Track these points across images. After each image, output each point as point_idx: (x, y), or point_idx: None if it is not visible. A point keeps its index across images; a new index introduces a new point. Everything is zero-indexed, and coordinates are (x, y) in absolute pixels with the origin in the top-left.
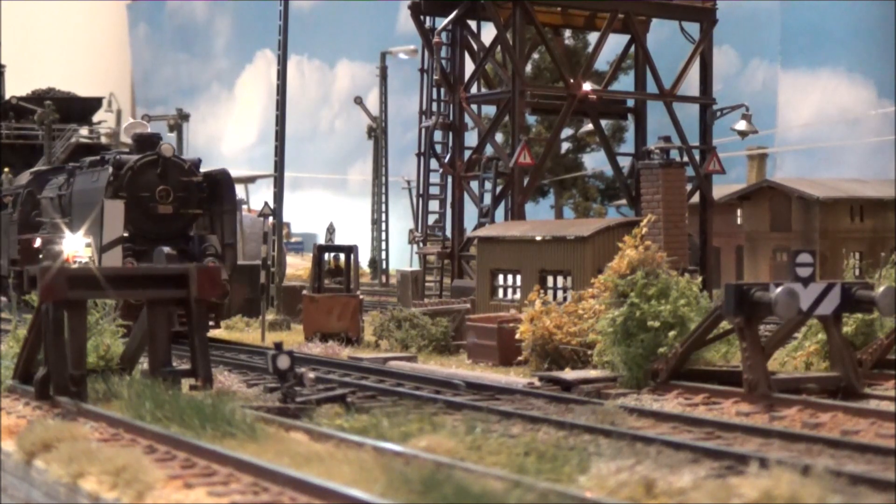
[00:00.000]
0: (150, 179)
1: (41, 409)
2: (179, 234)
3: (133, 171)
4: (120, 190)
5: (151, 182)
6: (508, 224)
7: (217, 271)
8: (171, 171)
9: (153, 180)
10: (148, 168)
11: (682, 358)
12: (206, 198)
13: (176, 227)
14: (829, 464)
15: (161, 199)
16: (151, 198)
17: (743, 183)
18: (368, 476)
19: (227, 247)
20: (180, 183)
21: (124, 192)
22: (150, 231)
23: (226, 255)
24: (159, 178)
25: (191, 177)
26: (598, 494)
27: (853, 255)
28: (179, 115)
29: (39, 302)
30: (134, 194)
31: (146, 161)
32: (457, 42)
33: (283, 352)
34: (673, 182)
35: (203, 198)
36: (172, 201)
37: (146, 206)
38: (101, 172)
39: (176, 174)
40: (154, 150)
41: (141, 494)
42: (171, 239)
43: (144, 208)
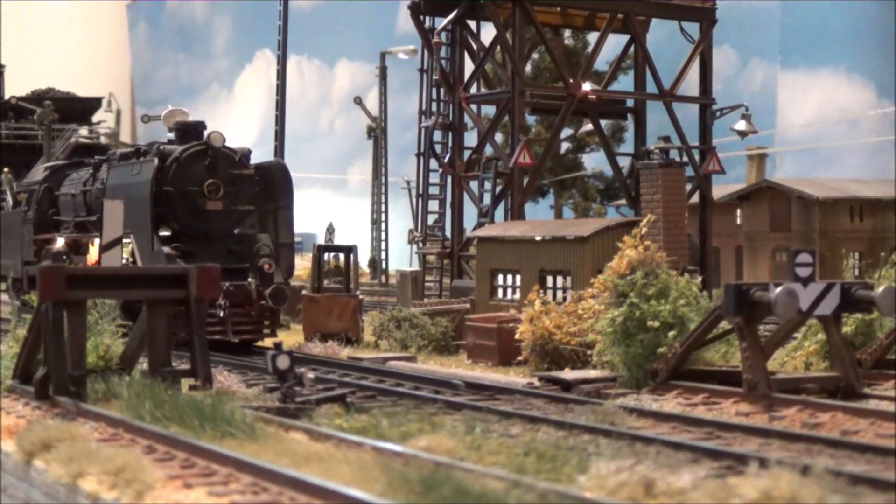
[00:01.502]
0: (198, 172)
1: (41, 409)
2: (229, 233)
3: (179, 162)
4: (164, 184)
5: (199, 175)
6: (508, 224)
7: (217, 271)
8: (221, 162)
9: (201, 173)
10: (195, 160)
11: (681, 358)
12: (257, 193)
13: (225, 225)
14: (829, 464)
15: (210, 193)
16: (199, 192)
17: (742, 183)
18: (368, 476)
19: (282, 247)
20: (230, 176)
21: (169, 187)
22: (198, 229)
23: (280, 256)
24: (208, 171)
25: (241, 169)
26: (598, 494)
27: (853, 255)
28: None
29: (39, 302)
30: (180, 188)
31: (194, 152)
32: (456, 42)
33: (282, 352)
34: (672, 182)
35: (255, 193)
36: (222, 196)
37: (193, 201)
38: (143, 165)
39: (225, 166)
40: (201, 140)
41: (140, 494)
42: (220, 238)
43: (191, 204)
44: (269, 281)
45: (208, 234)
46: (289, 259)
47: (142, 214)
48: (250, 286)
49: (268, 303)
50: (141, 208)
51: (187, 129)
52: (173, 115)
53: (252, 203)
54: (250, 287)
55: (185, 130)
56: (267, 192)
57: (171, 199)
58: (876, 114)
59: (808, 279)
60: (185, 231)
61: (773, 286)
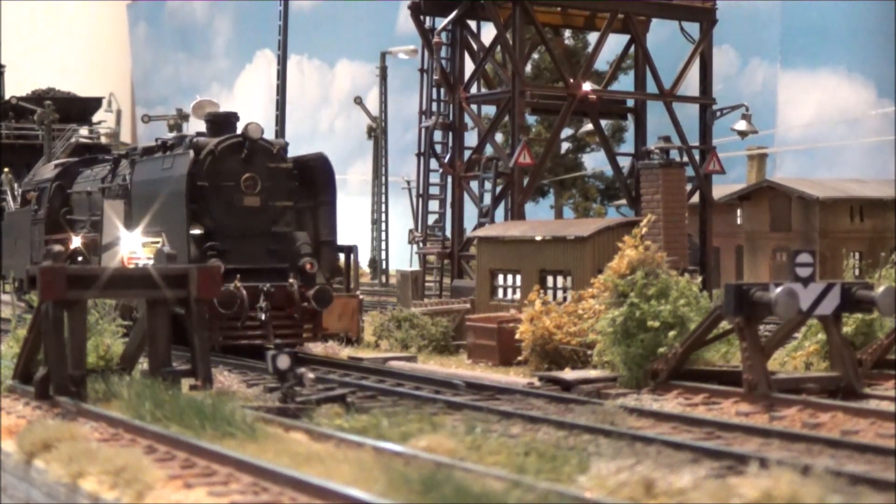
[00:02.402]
0: (234, 166)
1: (41, 409)
2: (267, 231)
3: (214, 155)
4: (198, 178)
5: (235, 169)
6: (508, 224)
7: (217, 271)
8: (258, 156)
9: (237, 167)
10: (231, 153)
11: (681, 358)
12: (296, 188)
13: (263, 222)
14: (829, 464)
15: (247, 188)
16: (235, 187)
17: (743, 183)
18: (368, 476)
19: (323, 245)
20: (268, 170)
21: (203, 181)
22: (233, 226)
23: (322, 254)
24: (244, 165)
25: (279, 163)
26: (598, 494)
27: (853, 255)
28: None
29: (39, 301)
30: (215, 183)
31: (229, 144)
32: (457, 42)
33: (282, 352)
34: (673, 182)
35: (293, 188)
36: (260, 192)
37: (229, 197)
38: (176, 158)
39: (263, 159)
40: (235, 132)
41: (141, 494)
42: (257, 236)
43: (227, 200)
44: (311, 282)
45: (245, 233)
46: (331, 258)
47: (175, 211)
48: (292, 287)
49: (311, 305)
50: (174, 205)
51: (220, 120)
52: (202, 106)
53: (290, 199)
54: (292, 288)
55: (218, 122)
56: (306, 187)
57: (204, 195)
58: (876, 114)
59: (808, 279)
60: (219, 229)
61: (774, 286)
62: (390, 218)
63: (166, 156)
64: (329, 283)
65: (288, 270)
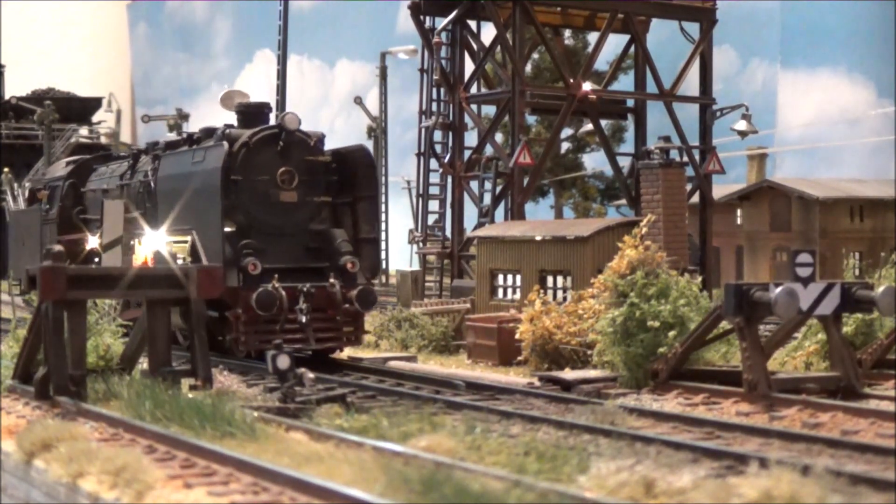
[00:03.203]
0: (270, 159)
1: (41, 409)
2: (304, 228)
3: (248, 148)
4: (232, 172)
5: (271, 162)
6: (508, 224)
7: (218, 271)
8: (295, 148)
9: (273, 160)
10: (266, 145)
11: (681, 358)
12: (334, 182)
13: (299, 219)
14: (829, 464)
15: (283, 183)
16: (271, 182)
17: (743, 183)
18: (368, 476)
19: (363, 243)
20: (305, 163)
21: (237, 175)
22: (269, 223)
23: (363, 253)
24: (280, 158)
25: (317, 155)
26: (598, 494)
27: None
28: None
29: (39, 301)
30: (250, 177)
31: (264, 136)
32: (456, 42)
33: (283, 352)
34: (673, 182)
35: (331, 182)
36: (296, 186)
37: (264, 191)
38: (209, 151)
39: (300, 152)
40: (267, 124)
41: (141, 494)
42: (293, 233)
43: (262, 195)
44: (351, 282)
45: (281, 230)
46: (372, 257)
47: (208, 207)
48: (333, 288)
49: (354, 306)
50: (207, 200)
51: (252, 111)
52: (231, 96)
53: (328, 194)
54: (333, 289)
55: (250, 113)
56: (345, 182)
57: (238, 190)
58: (876, 114)
59: (808, 279)
60: (253, 226)
61: (774, 286)
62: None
63: (196, 149)
64: (370, 284)
65: (327, 270)
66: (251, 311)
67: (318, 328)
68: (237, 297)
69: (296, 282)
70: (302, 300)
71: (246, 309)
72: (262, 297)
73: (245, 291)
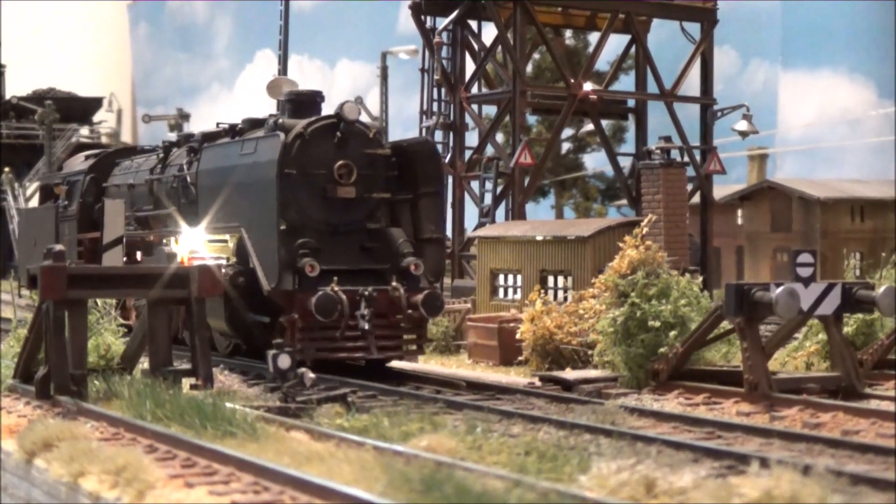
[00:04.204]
0: (326, 152)
1: (42, 409)
2: (361, 226)
3: (303, 139)
4: (286, 165)
5: (327, 155)
6: (509, 224)
7: (218, 270)
8: (353, 140)
9: (329, 153)
10: (322, 136)
11: (682, 358)
12: (393, 177)
13: (357, 216)
14: (830, 463)
15: (341, 178)
16: (328, 176)
17: (743, 183)
18: (369, 475)
19: (425, 243)
20: (364, 157)
21: (291, 169)
22: (325, 221)
23: (427, 254)
24: (337, 150)
25: (376, 148)
26: (599, 494)
27: (854, 255)
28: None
29: (40, 301)
30: (305, 171)
31: (321, 126)
32: (457, 42)
33: (283, 351)
34: (673, 182)
35: (390, 177)
36: (355, 181)
37: (320, 187)
38: (261, 142)
39: (358, 144)
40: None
41: (141, 493)
42: (351, 232)
43: (318, 190)
44: (414, 285)
45: (337, 228)
46: (436, 258)
47: (261, 203)
48: (397, 291)
49: (419, 312)
50: (260, 195)
51: (304, 99)
52: (279, 84)
53: (388, 190)
54: (397, 293)
55: (301, 102)
56: (405, 177)
57: (292, 185)
58: (877, 114)
59: (809, 279)
60: (307, 223)
61: (774, 286)
62: None
63: (245, 139)
64: (434, 288)
65: (388, 272)
66: (309, 316)
67: (380, 335)
68: (292, 302)
69: (355, 285)
70: (364, 305)
71: (303, 314)
72: (323, 302)
73: (302, 295)
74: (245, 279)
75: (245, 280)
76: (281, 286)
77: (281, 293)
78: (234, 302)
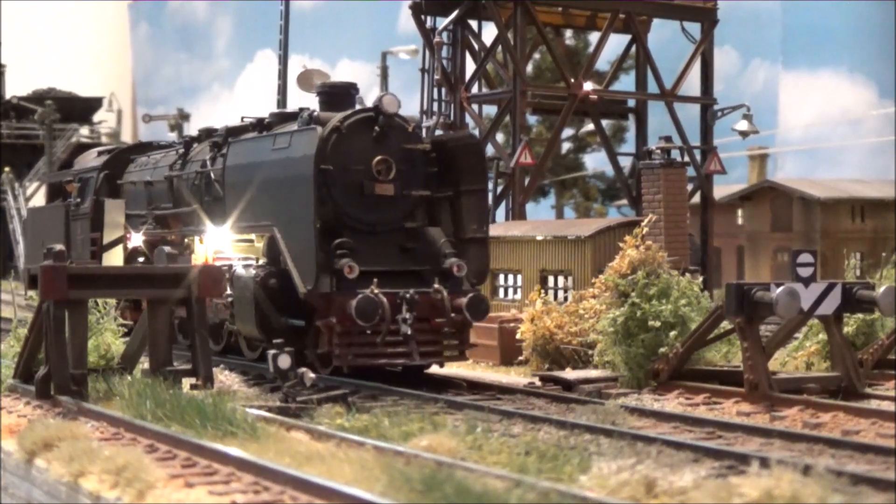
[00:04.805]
0: (364, 146)
1: (42, 409)
2: (399, 225)
3: (340, 133)
4: (322, 161)
5: (365, 150)
6: (509, 224)
7: (218, 270)
8: (392, 134)
9: (367, 147)
10: (360, 130)
11: (682, 358)
12: (433, 174)
13: (395, 215)
14: (830, 463)
15: (379, 174)
16: (365, 172)
17: (744, 183)
18: (369, 475)
19: (468, 243)
20: (403, 152)
21: (327, 164)
22: (363, 219)
23: (469, 255)
24: (375, 145)
25: (416, 143)
26: (599, 494)
27: (854, 255)
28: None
29: (40, 301)
30: (341, 167)
31: (358, 120)
32: (458, 42)
33: (283, 351)
34: (674, 182)
35: (430, 173)
36: (394, 178)
37: (358, 183)
38: (295, 135)
39: (398, 139)
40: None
41: (142, 493)
42: (389, 231)
43: (355, 187)
44: (456, 287)
45: (374, 227)
46: (479, 259)
47: (297, 201)
48: (440, 294)
49: (462, 316)
50: (295, 192)
51: (338, 91)
52: (310, 76)
53: (427, 187)
54: (440, 295)
55: (335, 94)
56: (445, 173)
57: (328, 181)
58: (877, 114)
59: (809, 279)
60: (343, 222)
61: (775, 286)
62: None
63: (277, 133)
64: (478, 290)
65: (428, 274)
66: (348, 320)
67: (421, 341)
68: (330, 305)
69: (394, 287)
70: (405, 309)
71: (341, 318)
72: (364, 306)
73: (340, 298)
74: (277, 281)
75: (277, 282)
76: (318, 288)
77: (318, 296)
78: (265, 305)
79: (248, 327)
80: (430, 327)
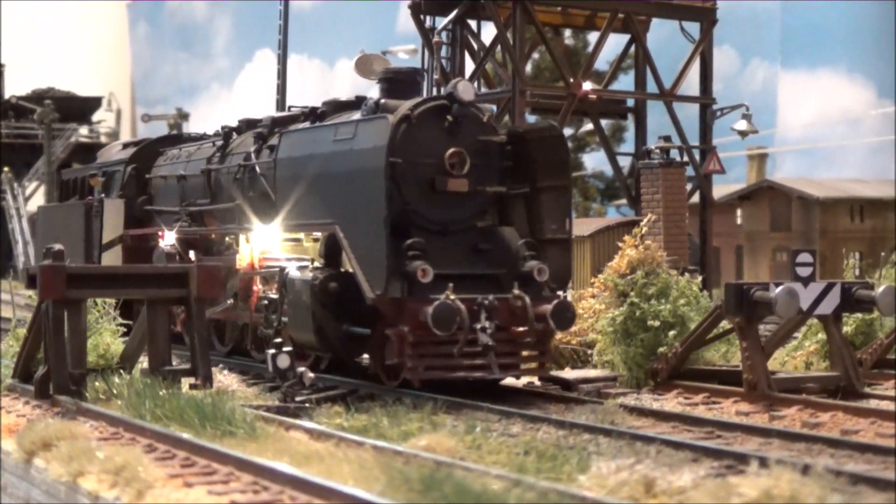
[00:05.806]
0: (435, 137)
1: (41, 408)
2: (472, 224)
3: (410, 123)
4: (391, 153)
5: (437, 142)
6: None
7: (218, 270)
8: (466, 125)
9: (439, 139)
10: (431, 120)
11: (682, 357)
12: (508, 168)
13: (468, 213)
14: (829, 463)
15: (452, 168)
16: (437, 166)
17: (743, 183)
18: (368, 475)
19: (548, 245)
20: (477, 144)
21: (396, 157)
22: (434, 217)
23: (549, 257)
24: (448, 137)
25: (491, 135)
26: (598, 493)
27: (853, 254)
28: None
29: (39, 300)
30: (411, 160)
31: (430, 108)
32: (457, 41)
33: (282, 351)
34: (673, 182)
35: (505, 168)
36: (468, 172)
37: (429, 178)
38: (361, 125)
39: (472, 130)
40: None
41: (141, 493)
42: (461, 231)
43: (426, 182)
44: (536, 292)
45: (447, 227)
46: (561, 262)
47: (363, 197)
48: (521, 301)
49: (548, 324)
50: (362, 187)
51: (403, 78)
52: (370, 61)
53: (502, 183)
54: (520, 302)
55: (400, 80)
56: (521, 168)
57: (395, 175)
58: (876, 114)
59: (808, 279)
60: (414, 221)
61: (774, 286)
62: None
63: (339, 123)
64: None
65: (506, 278)
66: (422, 329)
67: (500, 352)
68: (402, 312)
69: (469, 292)
70: (483, 316)
71: (414, 327)
72: (442, 313)
73: (414, 304)
74: (338, 285)
75: (338, 286)
76: (388, 293)
77: (387, 302)
78: (322, 312)
79: (304, 335)
80: (508, 337)
